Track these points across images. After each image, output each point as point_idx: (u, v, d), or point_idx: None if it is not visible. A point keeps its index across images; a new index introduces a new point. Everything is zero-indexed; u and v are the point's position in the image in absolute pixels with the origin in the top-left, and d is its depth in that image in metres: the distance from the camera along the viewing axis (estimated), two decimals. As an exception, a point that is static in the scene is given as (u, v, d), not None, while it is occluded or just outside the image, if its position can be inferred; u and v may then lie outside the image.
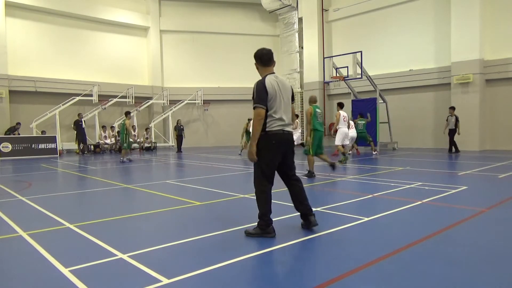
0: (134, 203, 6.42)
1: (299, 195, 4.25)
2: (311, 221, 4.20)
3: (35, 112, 18.74)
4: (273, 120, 3.98)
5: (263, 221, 4.00)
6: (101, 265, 3.30)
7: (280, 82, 4.09)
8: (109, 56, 22.06)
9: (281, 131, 4.02)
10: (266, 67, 4.13)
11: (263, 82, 3.96)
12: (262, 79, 4.02)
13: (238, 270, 3.18)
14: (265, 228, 4.00)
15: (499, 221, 4.63)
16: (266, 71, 4.12)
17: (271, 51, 4.19)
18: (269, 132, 3.97)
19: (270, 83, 3.97)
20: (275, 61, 4.25)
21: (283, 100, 4.05)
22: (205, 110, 23.73)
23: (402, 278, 2.92)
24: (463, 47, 15.62)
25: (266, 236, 3.98)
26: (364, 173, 9.15)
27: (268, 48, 4.19)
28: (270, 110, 3.96)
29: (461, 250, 3.55)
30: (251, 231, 4.06)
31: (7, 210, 5.69)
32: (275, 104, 3.98)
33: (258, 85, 3.97)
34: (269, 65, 4.14)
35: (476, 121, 15.48)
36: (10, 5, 18.52)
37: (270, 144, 3.98)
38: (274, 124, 3.98)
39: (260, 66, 4.16)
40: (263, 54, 4.13)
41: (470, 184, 7.31)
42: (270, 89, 3.93)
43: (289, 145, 4.14)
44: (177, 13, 23.98)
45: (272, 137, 3.97)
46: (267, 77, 4.03)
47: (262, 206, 4.02)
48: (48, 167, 12.34)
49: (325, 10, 21.07)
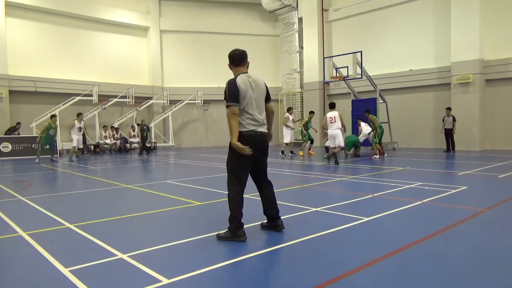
0: (134, 203, 6.41)
1: (270, 198, 4.22)
2: (278, 225, 4.20)
3: (35, 112, 18.72)
4: (246, 119, 3.93)
5: (234, 224, 3.91)
6: (101, 265, 3.30)
7: (253, 81, 4.04)
8: (109, 56, 22.04)
9: (253, 132, 3.95)
10: (238, 67, 4.09)
11: (234, 81, 3.93)
12: (233, 78, 4.00)
13: (238, 270, 3.18)
14: (235, 231, 3.91)
15: (499, 221, 4.63)
16: (238, 71, 4.08)
17: (245, 51, 4.15)
18: (241, 133, 3.90)
19: (242, 81, 3.93)
20: (249, 62, 4.19)
21: (256, 100, 4.00)
22: (205, 110, 23.71)
23: (402, 278, 2.92)
24: (463, 47, 15.61)
25: (236, 240, 3.88)
26: (364, 173, 9.15)
27: (241, 49, 4.15)
28: (242, 109, 3.92)
29: (461, 250, 3.55)
30: (222, 234, 3.99)
31: (7, 210, 5.69)
32: (247, 103, 3.93)
33: (229, 83, 3.93)
34: (241, 65, 4.10)
35: (476, 121, 15.48)
36: (10, 5, 18.50)
37: (244, 144, 3.90)
38: (246, 124, 3.93)
39: (233, 66, 4.13)
40: (235, 55, 4.10)
41: (470, 184, 7.31)
42: (241, 88, 3.89)
43: (262, 147, 4.07)
44: (177, 13, 23.97)
45: (243, 138, 3.90)
46: (239, 76, 3.99)
47: (234, 209, 3.93)
48: (48, 167, 12.34)
49: (325, 10, 21.06)
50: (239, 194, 3.97)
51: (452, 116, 14.66)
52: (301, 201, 6.08)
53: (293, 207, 5.46)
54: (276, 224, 4.22)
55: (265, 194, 4.23)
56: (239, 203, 3.96)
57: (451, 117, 14.64)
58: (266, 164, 4.25)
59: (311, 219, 4.87)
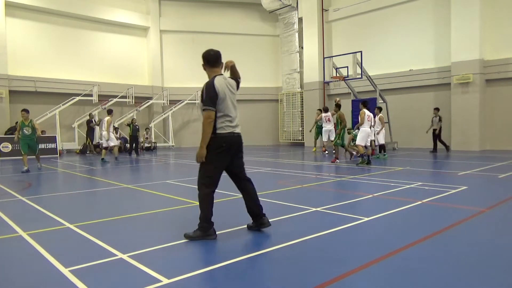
0: (134, 203, 6.41)
1: (252, 194, 4.21)
2: (264, 222, 4.19)
3: (35, 112, 18.65)
4: (224, 122, 3.92)
5: (205, 223, 3.95)
6: (101, 265, 3.30)
7: (229, 83, 4.03)
8: (109, 56, 22.04)
9: (231, 133, 3.97)
10: (213, 68, 4.04)
11: (212, 83, 3.86)
12: (211, 80, 3.92)
13: (238, 270, 3.18)
14: (206, 230, 3.96)
15: (499, 221, 4.64)
16: (213, 72, 4.03)
17: (219, 52, 4.09)
18: (219, 135, 3.90)
19: (220, 84, 3.89)
20: (223, 62, 4.12)
21: (233, 102, 4.02)
22: (205, 110, 23.71)
23: (402, 278, 2.92)
24: (463, 47, 15.61)
25: (208, 238, 3.94)
26: (364, 173, 9.15)
27: (215, 49, 4.09)
28: (220, 111, 3.89)
29: (461, 250, 3.55)
30: (192, 234, 3.98)
31: (7, 210, 5.69)
32: (225, 105, 3.92)
33: (207, 86, 3.87)
34: (216, 66, 4.05)
35: (476, 121, 15.48)
36: (10, 5, 18.51)
37: (220, 147, 3.92)
38: (224, 126, 3.92)
39: (207, 67, 4.06)
40: (210, 55, 4.03)
41: (470, 184, 7.31)
42: (220, 91, 3.86)
43: (238, 147, 4.09)
44: (177, 13, 23.97)
45: (222, 139, 3.91)
46: (216, 78, 3.93)
47: (206, 209, 3.96)
48: (48, 167, 12.34)
49: (325, 10, 21.06)
50: (211, 195, 4.01)
51: (439, 116, 14.78)
52: (301, 201, 6.08)
53: (293, 207, 5.46)
54: (262, 222, 4.20)
55: (246, 192, 4.22)
56: (211, 202, 4.01)
57: (438, 117, 14.76)
58: (243, 163, 4.26)
59: (311, 219, 4.87)
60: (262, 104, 24.32)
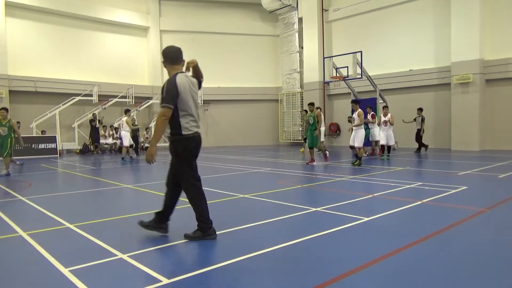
0: (134, 203, 6.41)
1: (176, 200, 4.19)
2: (165, 228, 4.15)
3: (35, 112, 18.72)
4: (188, 122, 3.87)
5: (203, 223, 3.94)
6: (101, 265, 3.30)
7: (191, 81, 3.97)
8: (109, 56, 22.03)
9: (196, 133, 3.95)
10: (174, 66, 3.94)
11: (174, 81, 3.77)
12: (172, 77, 3.81)
13: (237, 270, 3.17)
14: (206, 230, 3.94)
15: (499, 221, 4.64)
16: (174, 70, 3.92)
17: (180, 49, 4.00)
18: (186, 136, 3.86)
19: (182, 83, 3.80)
20: (184, 60, 4.03)
21: (195, 101, 3.97)
22: (205, 110, 23.72)
23: (402, 278, 2.92)
24: (463, 47, 15.61)
25: (208, 238, 3.92)
26: (364, 173, 9.15)
27: (176, 46, 3.99)
28: (183, 111, 3.82)
29: (461, 250, 3.55)
30: (191, 234, 3.97)
31: (7, 210, 5.69)
32: (189, 106, 3.87)
33: (169, 83, 3.76)
34: (177, 63, 3.95)
35: (476, 121, 15.47)
36: (10, 5, 18.49)
37: (189, 148, 3.91)
38: (189, 126, 3.88)
39: (168, 65, 3.95)
40: (171, 52, 3.94)
41: (470, 184, 7.31)
42: (181, 88, 3.77)
43: (200, 148, 4.08)
44: (177, 13, 23.96)
45: (190, 141, 3.90)
46: (178, 75, 3.83)
47: (201, 208, 3.95)
48: (48, 167, 12.34)
49: (325, 10, 21.06)
50: (200, 191, 3.99)
51: (422, 116, 14.86)
52: (301, 201, 6.08)
53: (293, 207, 5.46)
54: (164, 226, 4.14)
55: (176, 195, 4.16)
56: (204, 200, 3.99)
57: (421, 118, 14.85)
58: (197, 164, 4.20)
59: (311, 219, 4.87)
60: (262, 104, 24.31)
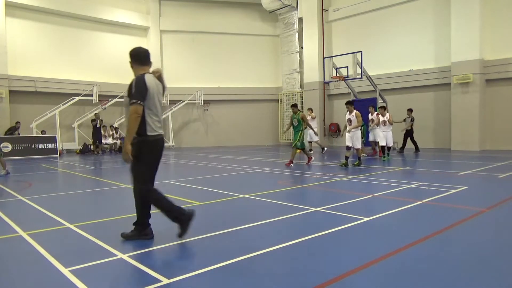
0: (134, 203, 6.40)
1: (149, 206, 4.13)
2: (149, 233, 4.08)
3: (35, 112, 18.72)
4: (154, 122, 3.84)
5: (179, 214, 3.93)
6: (101, 265, 3.30)
7: (158, 83, 3.96)
8: (109, 56, 22.02)
9: (160, 135, 3.94)
10: (142, 66, 3.92)
11: (143, 78, 3.77)
12: (141, 75, 3.80)
13: (237, 270, 3.17)
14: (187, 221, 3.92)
15: (499, 221, 4.64)
16: (142, 70, 3.90)
17: (148, 51, 4.02)
18: (150, 137, 3.82)
19: (150, 81, 3.80)
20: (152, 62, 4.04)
21: (160, 103, 3.96)
22: (205, 110, 23.72)
23: (402, 278, 2.92)
24: (463, 47, 15.60)
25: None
26: (364, 173, 9.15)
27: (144, 48, 4.02)
28: (150, 109, 3.79)
29: (461, 250, 3.55)
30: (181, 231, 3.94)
31: (7, 210, 5.69)
32: (155, 106, 3.85)
33: (137, 80, 3.75)
34: (146, 64, 3.95)
35: (476, 121, 15.47)
36: (10, 5, 18.49)
37: (154, 149, 3.89)
38: (155, 127, 3.85)
39: (136, 65, 3.93)
40: (140, 52, 3.94)
41: (470, 184, 7.31)
42: (150, 86, 3.77)
43: (163, 150, 4.06)
44: (177, 13, 23.96)
45: (156, 142, 3.88)
46: (147, 75, 3.84)
47: (167, 205, 3.94)
48: (48, 167, 12.34)
49: (325, 10, 21.05)
50: (156, 190, 3.96)
51: (412, 116, 14.95)
52: (301, 201, 6.09)
53: (293, 207, 5.46)
54: (148, 232, 4.06)
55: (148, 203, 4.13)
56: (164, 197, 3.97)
57: (411, 118, 14.92)
58: None
59: (311, 219, 4.87)
60: (262, 104, 24.31)
